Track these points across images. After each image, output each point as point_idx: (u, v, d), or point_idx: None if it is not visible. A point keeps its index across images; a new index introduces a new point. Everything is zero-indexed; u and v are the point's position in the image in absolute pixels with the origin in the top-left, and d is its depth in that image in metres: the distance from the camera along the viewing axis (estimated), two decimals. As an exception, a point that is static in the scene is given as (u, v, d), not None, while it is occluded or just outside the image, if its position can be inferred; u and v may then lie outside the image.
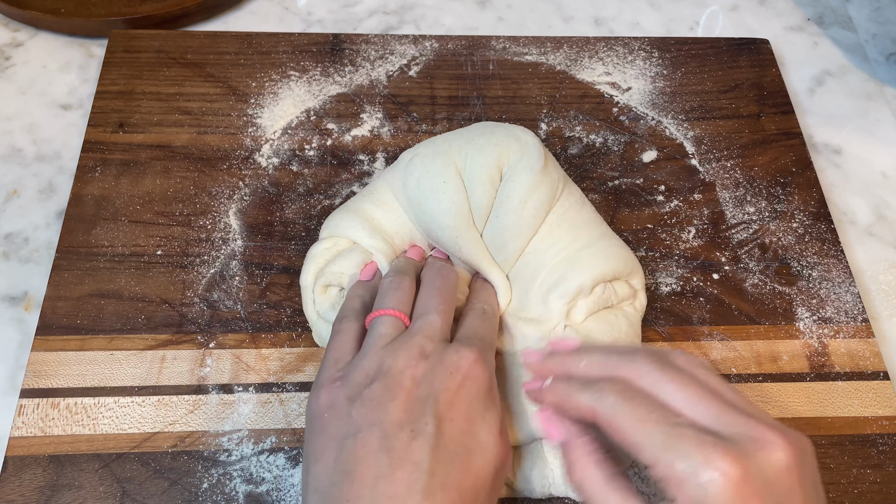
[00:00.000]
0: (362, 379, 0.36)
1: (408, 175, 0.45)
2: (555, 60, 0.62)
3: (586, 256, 0.44)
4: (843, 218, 0.57)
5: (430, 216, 0.44)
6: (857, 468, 0.45)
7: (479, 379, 0.36)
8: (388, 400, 0.34)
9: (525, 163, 0.44)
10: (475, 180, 0.44)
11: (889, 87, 0.65)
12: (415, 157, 0.45)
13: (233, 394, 0.45)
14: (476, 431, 0.35)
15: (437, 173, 0.44)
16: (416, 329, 0.38)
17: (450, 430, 0.34)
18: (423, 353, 0.36)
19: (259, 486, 0.42)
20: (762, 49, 0.64)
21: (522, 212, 0.43)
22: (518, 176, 0.43)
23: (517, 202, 0.43)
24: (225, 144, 0.56)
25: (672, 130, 0.59)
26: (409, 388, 0.35)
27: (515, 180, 0.43)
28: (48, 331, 0.46)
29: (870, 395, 0.47)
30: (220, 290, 0.49)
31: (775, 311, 0.50)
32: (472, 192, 0.44)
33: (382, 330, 0.38)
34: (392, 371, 0.35)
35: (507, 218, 0.43)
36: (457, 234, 0.43)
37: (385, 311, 0.39)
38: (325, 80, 0.60)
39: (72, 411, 0.44)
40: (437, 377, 0.35)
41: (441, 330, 0.38)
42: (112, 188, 0.53)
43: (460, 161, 0.44)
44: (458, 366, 0.36)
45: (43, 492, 0.41)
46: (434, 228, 0.44)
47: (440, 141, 0.46)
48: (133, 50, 0.60)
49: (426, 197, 0.44)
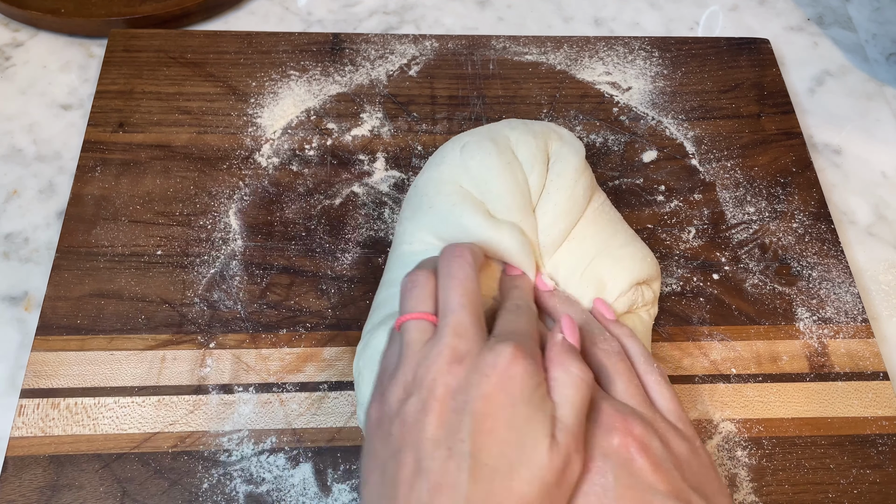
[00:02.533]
0: (400, 393, 0.33)
1: (468, 158, 0.43)
2: (555, 60, 0.62)
3: (626, 256, 0.44)
4: (843, 218, 0.57)
5: (497, 194, 0.42)
6: (857, 468, 0.45)
7: (520, 376, 0.32)
8: (423, 416, 0.32)
9: (569, 147, 0.45)
10: (532, 160, 0.43)
11: (889, 87, 0.65)
12: (467, 144, 0.44)
13: (233, 394, 0.45)
14: (521, 441, 0.31)
15: (500, 153, 0.43)
16: (444, 330, 0.34)
17: (489, 444, 0.31)
18: (456, 354, 0.33)
19: (259, 487, 0.42)
20: (762, 49, 0.64)
21: (575, 189, 0.43)
22: (567, 157, 0.44)
23: (570, 179, 0.43)
24: (225, 144, 0.56)
25: (672, 130, 0.59)
26: (444, 399, 0.32)
27: (565, 160, 0.44)
28: (48, 331, 0.46)
29: (870, 396, 0.47)
30: (220, 290, 0.49)
31: (775, 312, 0.50)
32: (529, 171, 0.43)
33: (411, 336, 0.35)
34: (425, 381, 0.33)
35: (560, 194, 0.43)
36: (521, 216, 0.42)
37: (409, 315, 0.36)
38: (325, 80, 0.60)
39: (72, 411, 0.44)
40: (473, 382, 0.32)
41: (470, 325, 0.34)
42: (112, 188, 0.53)
43: (514, 146, 0.44)
44: (494, 365, 0.32)
45: (43, 492, 0.41)
46: (501, 208, 0.42)
47: (481, 130, 0.46)
48: (133, 50, 0.60)
49: (495, 176, 0.42)
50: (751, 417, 0.46)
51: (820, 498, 0.44)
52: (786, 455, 0.45)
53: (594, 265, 0.43)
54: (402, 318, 0.36)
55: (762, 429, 0.46)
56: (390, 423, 0.33)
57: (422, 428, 0.32)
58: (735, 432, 0.45)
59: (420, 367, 0.33)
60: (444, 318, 0.35)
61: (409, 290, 0.37)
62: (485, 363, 0.33)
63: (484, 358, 0.33)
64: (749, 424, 0.46)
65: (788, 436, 0.45)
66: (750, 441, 0.45)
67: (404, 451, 0.32)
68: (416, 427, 0.32)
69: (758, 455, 0.45)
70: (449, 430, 0.31)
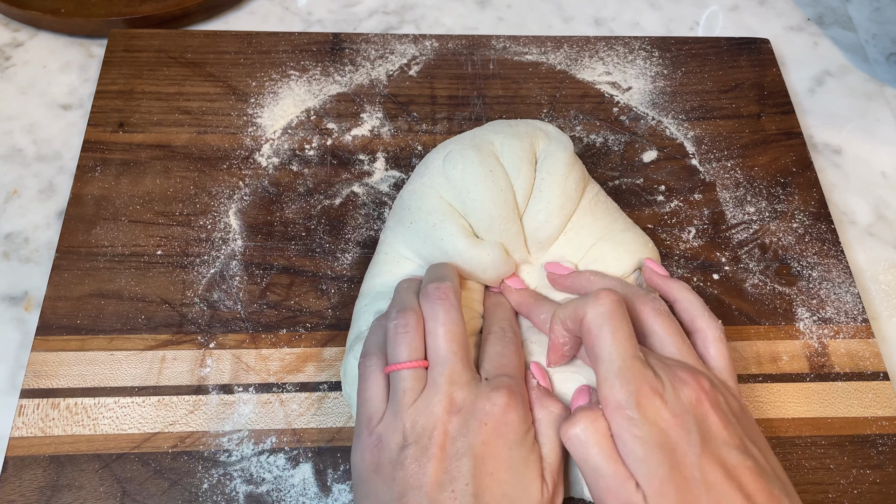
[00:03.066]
0: (399, 440, 0.35)
1: (450, 168, 0.43)
2: (555, 60, 0.62)
3: (627, 240, 0.44)
4: (843, 218, 0.57)
5: (480, 203, 0.42)
6: (857, 468, 0.45)
7: (514, 423, 0.35)
8: (426, 461, 0.34)
9: (556, 143, 0.45)
10: (517, 163, 0.43)
11: (889, 87, 0.65)
12: (450, 153, 0.44)
13: (233, 394, 0.45)
14: (519, 479, 0.34)
15: (481, 162, 0.43)
16: (440, 379, 0.36)
17: (491, 485, 0.34)
18: (453, 404, 0.35)
19: (259, 487, 0.42)
20: (762, 49, 0.64)
21: (566, 185, 0.43)
22: (555, 153, 0.44)
23: (560, 176, 0.43)
24: (225, 144, 0.56)
25: (672, 130, 0.59)
26: (444, 446, 0.34)
27: (553, 156, 0.44)
28: (48, 331, 0.46)
29: (870, 396, 0.47)
30: (220, 290, 0.49)
31: (775, 312, 0.50)
32: (514, 175, 0.43)
33: (405, 385, 0.36)
34: (426, 430, 0.35)
35: (551, 192, 0.43)
36: (503, 225, 0.42)
37: (402, 364, 0.37)
38: (325, 80, 0.60)
39: (72, 411, 0.44)
40: (472, 430, 0.35)
41: (463, 371, 0.37)
42: (112, 188, 0.53)
43: (497, 150, 0.44)
44: (490, 414, 0.35)
45: (43, 492, 0.41)
46: (483, 218, 0.42)
47: (465, 136, 0.46)
48: (133, 50, 0.60)
49: (475, 185, 0.42)
50: (751, 417, 0.46)
51: (820, 498, 0.44)
52: (786, 455, 0.45)
53: (596, 249, 0.44)
54: (395, 366, 0.37)
55: (762, 429, 0.45)
56: (392, 469, 0.35)
57: (425, 472, 0.34)
58: (735, 432, 0.45)
59: (420, 416, 0.35)
60: (437, 367, 0.37)
61: (400, 335, 0.38)
62: (482, 412, 0.35)
63: (481, 406, 0.35)
64: (749, 424, 0.46)
65: (788, 436, 0.45)
66: (750, 441, 0.45)
67: (409, 494, 0.34)
68: (419, 472, 0.34)
69: (758, 455, 0.45)
70: (452, 474, 0.34)
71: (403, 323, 0.38)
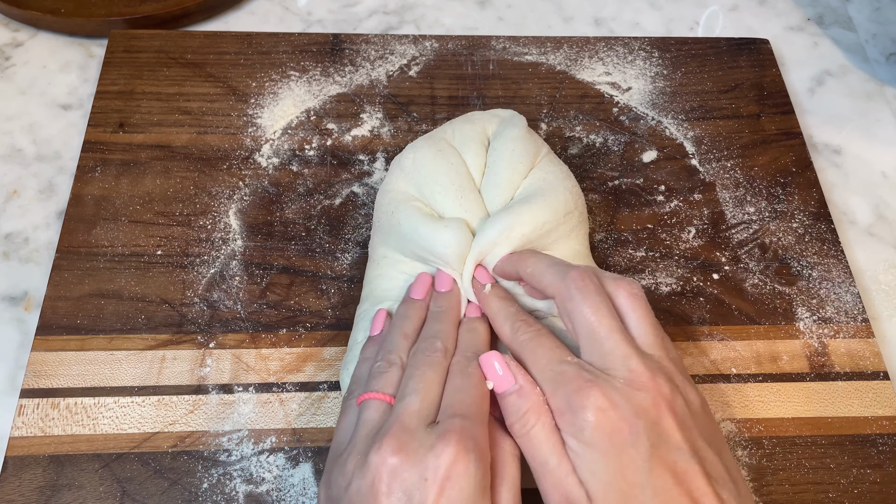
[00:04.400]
0: (348, 473, 0.34)
1: (403, 159, 0.46)
2: (555, 60, 0.62)
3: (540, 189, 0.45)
4: (843, 218, 0.57)
5: (432, 178, 0.44)
6: (857, 468, 0.45)
7: (462, 477, 0.32)
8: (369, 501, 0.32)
9: (508, 124, 0.47)
10: (467, 143, 0.46)
11: (889, 87, 0.65)
12: (405, 150, 0.47)
13: (233, 394, 0.45)
14: None
15: (431, 146, 0.46)
16: (395, 416, 0.35)
17: None
18: (399, 444, 0.33)
19: (259, 486, 0.42)
20: (762, 49, 0.64)
21: (512, 158, 0.45)
22: (504, 132, 0.47)
23: (508, 151, 0.45)
24: (225, 144, 0.56)
25: (672, 130, 0.59)
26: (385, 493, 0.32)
27: (503, 135, 0.46)
28: (48, 331, 0.46)
29: (870, 395, 0.47)
30: (220, 290, 0.49)
31: (775, 311, 0.50)
32: (465, 152, 0.46)
33: (367, 415, 0.36)
34: (369, 467, 0.33)
35: (498, 164, 0.45)
36: (459, 195, 0.44)
37: (370, 394, 0.37)
38: (325, 80, 0.60)
39: (72, 411, 0.44)
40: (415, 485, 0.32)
41: (418, 412, 0.35)
42: (112, 188, 0.53)
43: (449, 137, 0.47)
44: (434, 469, 0.32)
45: (43, 492, 0.41)
46: (438, 191, 0.44)
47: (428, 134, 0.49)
48: (133, 50, 0.60)
49: (426, 164, 0.45)
50: (751, 417, 0.46)
51: (820, 498, 0.44)
52: (786, 455, 0.45)
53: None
54: (365, 396, 0.37)
55: (762, 428, 0.46)
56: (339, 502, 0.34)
57: None
58: (735, 432, 0.45)
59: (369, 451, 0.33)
60: (399, 402, 0.36)
61: (382, 372, 0.38)
62: (426, 467, 0.32)
63: (426, 460, 0.33)
64: (749, 424, 0.46)
65: (789, 435, 0.45)
66: (750, 441, 0.45)
67: None
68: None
69: (758, 455, 0.45)
70: None
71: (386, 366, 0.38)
